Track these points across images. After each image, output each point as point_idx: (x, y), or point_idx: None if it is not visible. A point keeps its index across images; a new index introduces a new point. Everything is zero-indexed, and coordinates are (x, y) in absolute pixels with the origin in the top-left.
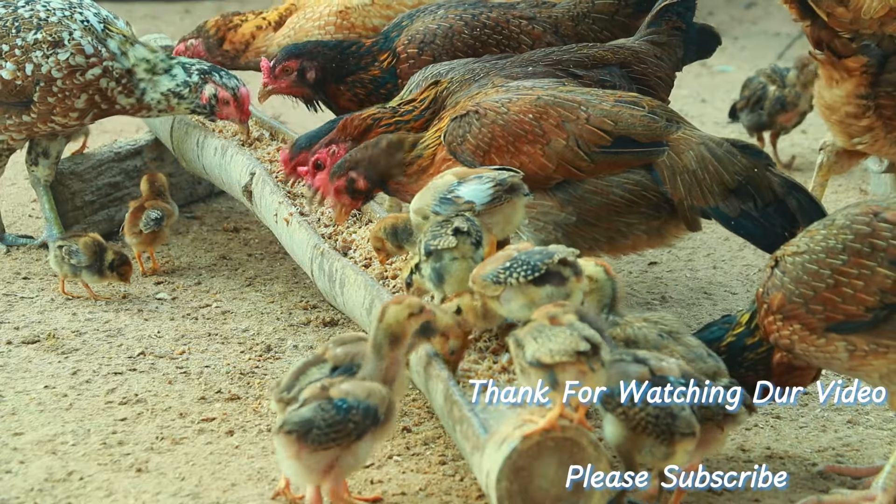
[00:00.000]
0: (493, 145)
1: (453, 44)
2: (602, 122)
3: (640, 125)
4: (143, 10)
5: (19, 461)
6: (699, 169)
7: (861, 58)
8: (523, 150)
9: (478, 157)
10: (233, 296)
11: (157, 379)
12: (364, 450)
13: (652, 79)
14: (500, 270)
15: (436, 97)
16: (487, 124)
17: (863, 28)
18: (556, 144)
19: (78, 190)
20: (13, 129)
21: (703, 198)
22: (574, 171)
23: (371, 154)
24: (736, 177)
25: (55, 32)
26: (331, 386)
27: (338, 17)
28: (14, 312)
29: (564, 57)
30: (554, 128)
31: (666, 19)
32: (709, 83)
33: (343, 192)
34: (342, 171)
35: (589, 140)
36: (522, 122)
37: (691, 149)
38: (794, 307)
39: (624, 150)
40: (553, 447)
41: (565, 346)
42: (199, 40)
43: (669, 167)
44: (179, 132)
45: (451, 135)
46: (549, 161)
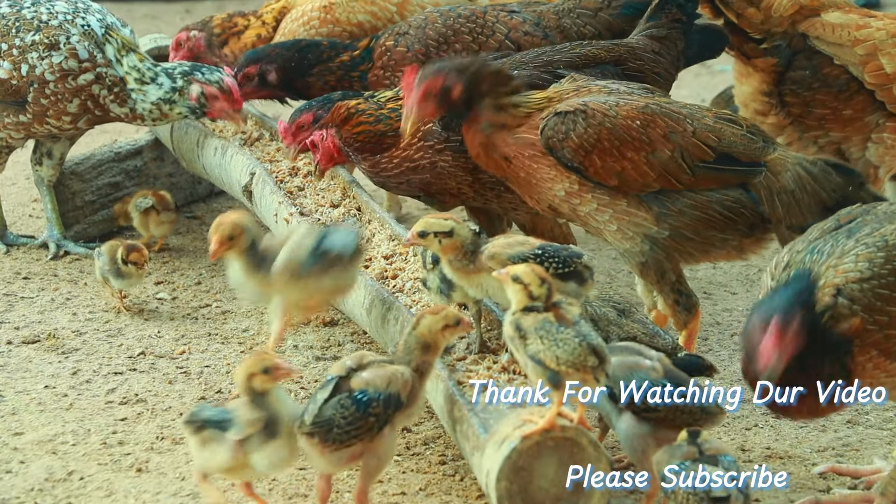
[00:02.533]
0: (597, 147)
1: (425, 32)
2: (707, 136)
3: (741, 144)
4: (143, 10)
5: (19, 461)
6: (797, 189)
7: (770, 59)
8: (627, 155)
9: (579, 155)
10: (233, 296)
11: (158, 379)
12: (388, 443)
13: (648, 75)
14: (530, 255)
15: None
16: (594, 125)
17: (774, 27)
18: (661, 154)
19: (78, 190)
20: (11, 128)
21: (803, 216)
22: (674, 182)
23: (479, 67)
24: (833, 195)
25: (53, 35)
26: (355, 371)
27: (322, 12)
28: (14, 312)
29: (555, 57)
30: (661, 137)
31: (666, 11)
32: (708, 83)
33: (432, 96)
34: (435, 73)
35: (693, 154)
36: (630, 128)
37: (788, 169)
38: (870, 334)
39: (726, 168)
40: (553, 447)
41: (573, 358)
42: (203, 34)
43: (767, 188)
44: (179, 132)
45: (551, 129)
46: (652, 170)
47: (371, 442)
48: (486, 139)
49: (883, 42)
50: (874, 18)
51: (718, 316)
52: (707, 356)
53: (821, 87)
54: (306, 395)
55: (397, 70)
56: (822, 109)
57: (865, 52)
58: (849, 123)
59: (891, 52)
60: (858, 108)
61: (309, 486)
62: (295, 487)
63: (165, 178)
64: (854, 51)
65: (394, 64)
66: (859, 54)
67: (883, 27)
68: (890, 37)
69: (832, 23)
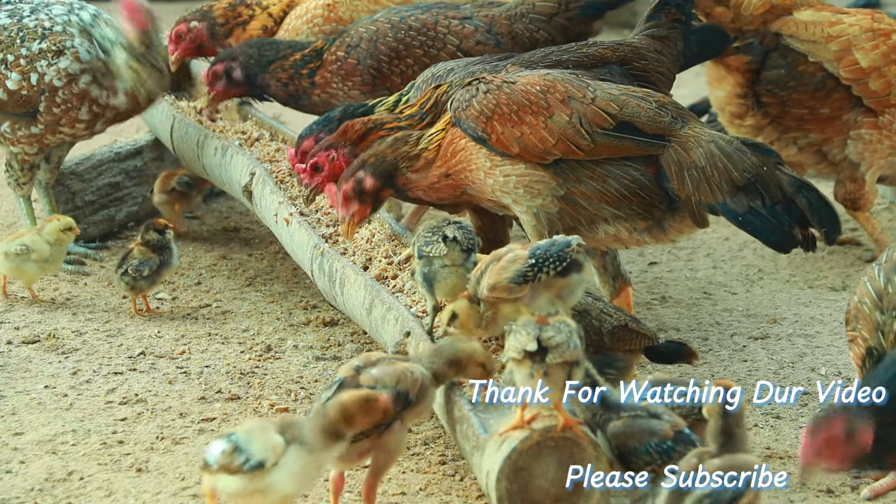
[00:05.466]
0: (496, 112)
1: (377, 47)
2: (608, 104)
3: (644, 115)
4: None
5: (19, 461)
6: (708, 165)
7: (743, 57)
8: (525, 120)
9: (480, 122)
10: (233, 296)
11: (157, 379)
12: (397, 438)
13: (653, 75)
14: (527, 269)
15: (437, 101)
16: (493, 90)
17: (745, 26)
18: (558, 119)
19: (78, 190)
20: (24, 142)
21: (712, 194)
22: (574, 148)
23: (377, 150)
24: (745, 174)
25: (59, 42)
26: (363, 368)
27: (325, 10)
28: (14, 312)
29: (564, 57)
30: (559, 102)
31: (665, 12)
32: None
33: (352, 197)
34: (350, 174)
35: (592, 120)
36: (528, 93)
37: (700, 146)
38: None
39: (625, 136)
40: (553, 447)
41: (517, 344)
42: (204, 24)
43: (677, 162)
44: (179, 132)
45: (457, 101)
46: (550, 135)
47: (379, 438)
48: (426, 182)
49: (857, 37)
50: (846, 14)
51: (718, 316)
52: (707, 356)
53: (797, 85)
54: (306, 395)
55: (347, 80)
56: (799, 109)
57: (840, 48)
58: (827, 123)
59: (865, 46)
60: (836, 106)
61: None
62: None
63: None
64: (828, 47)
65: (344, 74)
66: (833, 50)
67: (856, 23)
68: (863, 31)
69: (805, 20)
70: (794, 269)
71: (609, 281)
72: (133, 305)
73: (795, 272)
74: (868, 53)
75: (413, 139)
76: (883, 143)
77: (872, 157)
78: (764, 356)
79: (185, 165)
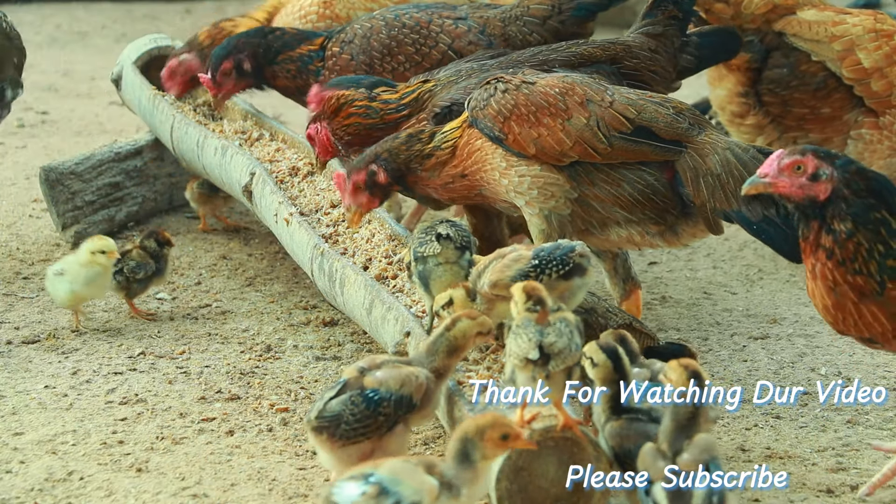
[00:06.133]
0: (514, 113)
1: (370, 43)
2: (626, 108)
3: (662, 121)
4: (143, 10)
5: (19, 461)
6: (724, 172)
7: (743, 55)
8: (543, 121)
9: (498, 122)
10: (233, 296)
11: (157, 379)
12: (399, 441)
13: (645, 73)
14: (529, 270)
15: (418, 96)
16: (512, 90)
17: (745, 23)
18: (576, 122)
19: (78, 190)
20: None
21: (727, 201)
22: (590, 151)
23: (391, 145)
24: None
25: None
26: (367, 371)
27: (321, 7)
28: (14, 312)
29: (552, 56)
30: (577, 105)
31: (662, 9)
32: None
33: (362, 188)
34: (362, 165)
35: (610, 123)
36: (547, 95)
37: (716, 153)
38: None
39: (642, 140)
40: (553, 447)
41: (519, 351)
42: (193, 53)
43: (693, 169)
44: (179, 132)
45: (475, 100)
46: (568, 137)
47: (381, 440)
48: (440, 181)
49: (860, 37)
50: (850, 15)
51: (718, 316)
52: (707, 356)
53: (798, 85)
54: (306, 395)
55: (342, 75)
56: (800, 109)
57: (843, 48)
58: (828, 123)
59: (868, 46)
60: (837, 105)
61: (309, 486)
62: (295, 487)
63: (165, 178)
64: (832, 46)
65: (339, 69)
66: (837, 50)
67: (859, 23)
68: (867, 32)
69: (808, 20)
70: (794, 269)
71: (619, 283)
72: (131, 306)
73: (795, 272)
74: (871, 54)
75: (426, 137)
76: (883, 144)
77: (872, 157)
78: (764, 356)
79: (185, 166)
